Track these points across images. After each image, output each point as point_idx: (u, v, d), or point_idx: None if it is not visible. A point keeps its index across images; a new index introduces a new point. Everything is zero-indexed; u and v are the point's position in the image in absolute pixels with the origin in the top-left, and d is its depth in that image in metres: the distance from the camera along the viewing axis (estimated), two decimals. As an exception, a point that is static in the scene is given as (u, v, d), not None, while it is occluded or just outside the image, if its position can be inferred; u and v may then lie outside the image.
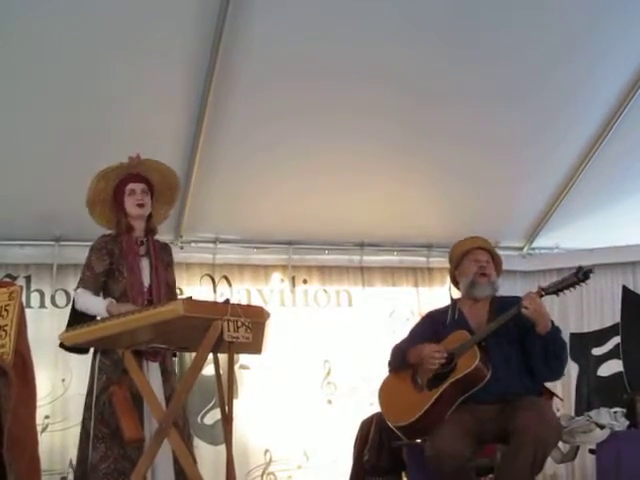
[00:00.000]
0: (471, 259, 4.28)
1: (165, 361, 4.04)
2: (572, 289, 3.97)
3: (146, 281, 4.08)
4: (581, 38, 5.13)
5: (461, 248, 4.37)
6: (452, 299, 4.42)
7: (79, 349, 3.98)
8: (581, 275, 3.91)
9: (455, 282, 4.44)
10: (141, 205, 4.09)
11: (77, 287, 4.12)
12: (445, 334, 4.12)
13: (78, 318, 3.97)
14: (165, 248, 4.29)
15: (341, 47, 4.87)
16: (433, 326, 4.29)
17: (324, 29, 4.79)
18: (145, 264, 4.11)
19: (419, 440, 4.27)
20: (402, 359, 4.19)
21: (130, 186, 4.10)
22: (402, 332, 4.52)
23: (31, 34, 4.47)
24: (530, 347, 3.99)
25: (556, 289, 3.97)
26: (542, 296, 3.94)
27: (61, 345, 3.93)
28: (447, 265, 6.63)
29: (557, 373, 4.19)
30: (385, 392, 4.30)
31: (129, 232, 4.11)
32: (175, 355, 3.80)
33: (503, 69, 5.22)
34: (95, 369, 4.00)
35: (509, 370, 3.98)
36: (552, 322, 3.97)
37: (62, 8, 4.41)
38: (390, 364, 4.32)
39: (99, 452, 3.83)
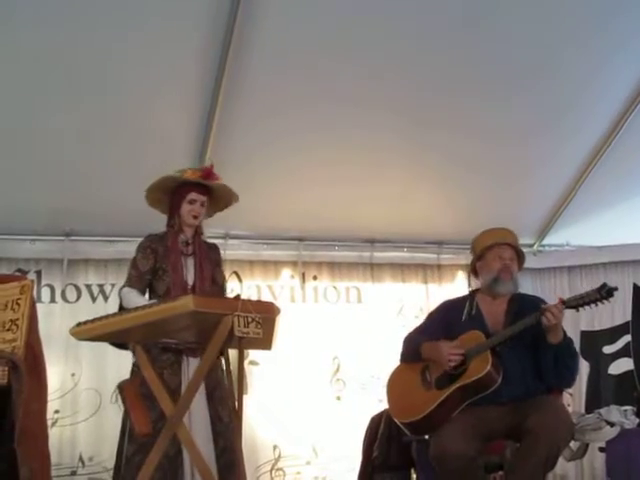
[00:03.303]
0: (495, 254, 4.17)
1: None
2: (593, 305, 3.91)
3: (190, 279, 4.13)
4: (596, 31, 5.08)
5: (486, 241, 4.24)
6: (470, 291, 4.31)
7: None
8: (604, 292, 3.85)
9: (475, 272, 4.33)
10: (196, 217, 4.19)
11: (123, 286, 4.15)
12: (460, 330, 4.07)
13: None
14: (213, 248, 4.35)
15: (354, 40, 4.85)
16: (448, 318, 4.22)
17: (336, 23, 4.77)
18: (190, 263, 4.17)
19: (428, 436, 4.25)
20: (415, 353, 4.13)
21: (192, 195, 4.17)
22: (411, 329, 4.46)
23: (39, 26, 4.45)
24: (541, 354, 3.96)
25: (577, 304, 3.90)
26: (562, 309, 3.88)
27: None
28: (457, 262, 6.79)
29: (566, 382, 4.15)
30: (393, 385, 4.26)
31: (177, 232, 4.19)
32: (222, 354, 3.80)
33: (517, 62, 5.17)
34: (134, 364, 4.01)
35: (521, 374, 3.95)
36: (564, 332, 3.94)
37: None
38: (402, 356, 4.26)
39: (134, 445, 3.88)
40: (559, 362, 3.93)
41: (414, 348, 4.16)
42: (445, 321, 4.21)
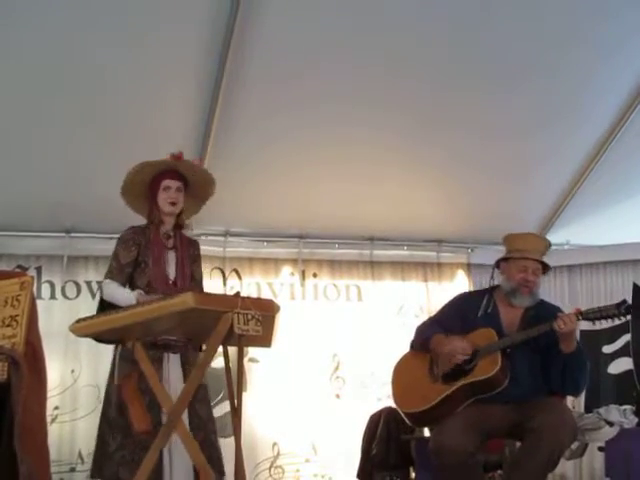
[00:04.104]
0: (520, 265, 4.11)
1: (186, 353, 4.05)
2: (610, 320, 3.91)
3: (172, 274, 4.11)
4: (596, 29, 5.06)
5: (517, 246, 4.18)
6: (490, 287, 4.27)
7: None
8: (623, 309, 3.86)
9: (498, 266, 4.27)
10: (173, 203, 4.13)
11: (104, 278, 4.13)
12: (474, 326, 4.05)
13: (105, 308, 3.97)
14: (193, 243, 4.32)
15: (356, 37, 4.85)
16: (464, 311, 4.19)
17: (337, 19, 4.77)
18: (171, 257, 4.14)
19: (428, 430, 4.25)
20: (424, 344, 4.11)
21: (166, 182, 4.12)
22: (411, 327, 4.46)
23: (39, 25, 4.46)
24: (551, 361, 3.95)
25: (594, 317, 3.89)
26: (579, 319, 3.86)
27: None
28: (456, 261, 6.80)
29: (572, 391, 4.18)
30: (399, 373, 4.24)
31: (158, 225, 4.15)
32: (200, 349, 3.78)
33: (517, 60, 5.17)
34: (117, 357, 4.00)
35: (529, 378, 3.96)
36: (578, 344, 3.93)
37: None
38: (412, 344, 4.25)
39: (116, 441, 3.87)
40: (567, 372, 3.92)
41: (424, 338, 4.14)
42: (461, 314, 4.18)
